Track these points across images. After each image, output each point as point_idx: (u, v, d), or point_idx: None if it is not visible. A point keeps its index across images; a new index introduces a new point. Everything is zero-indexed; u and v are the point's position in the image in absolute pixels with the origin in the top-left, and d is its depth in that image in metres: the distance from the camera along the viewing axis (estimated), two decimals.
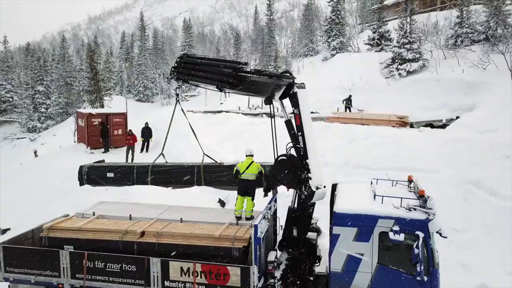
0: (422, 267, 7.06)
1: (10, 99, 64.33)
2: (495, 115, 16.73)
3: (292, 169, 8.18)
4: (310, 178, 8.17)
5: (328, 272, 7.78)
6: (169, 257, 8.30)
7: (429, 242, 7.28)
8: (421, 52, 29.03)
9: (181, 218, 9.47)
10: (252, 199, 9.39)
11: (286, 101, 8.91)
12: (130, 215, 9.76)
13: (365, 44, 39.58)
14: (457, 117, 18.65)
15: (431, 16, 35.36)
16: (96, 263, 8.48)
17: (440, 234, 7.60)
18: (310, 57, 51.66)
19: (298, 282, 8.42)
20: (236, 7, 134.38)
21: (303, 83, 8.71)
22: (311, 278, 8.51)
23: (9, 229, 15.03)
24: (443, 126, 17.97)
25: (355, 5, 69.93)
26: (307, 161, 8.22)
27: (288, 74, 8.46)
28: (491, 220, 11.82)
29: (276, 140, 8.96)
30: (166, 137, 13.29)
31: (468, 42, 29.11)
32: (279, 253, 9.11)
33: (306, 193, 8.25)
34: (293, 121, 8.69)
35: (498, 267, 10.53)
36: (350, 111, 27.01)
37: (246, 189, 9.26)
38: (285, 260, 8.81)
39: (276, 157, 8.56)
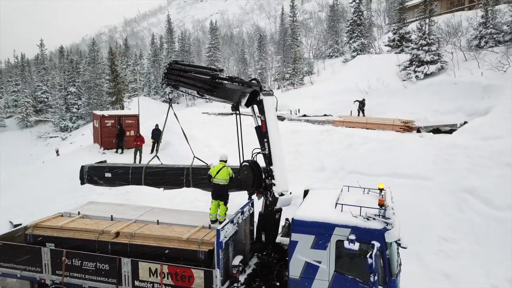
0: (376, 277, 7.00)
1: (46, 100, 67.73)
2: (504, 121, 16.05)
3: (253, 175, 8.32)
4: (274, 184, 8.27)
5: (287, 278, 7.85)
6: (140, 258, 8.62)
7: (386, 252, 7.19)
8: (440, 54, 28.16)
9: (158, 220, 9.77)
10: (225, 204, 9.56)
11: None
12: (112, 215, 10.16)
13: (386, 45, 38.85)
14: (465, 122, 18.01)
15: (455, 16, 34.19)
16: (73, 260, 8.92)
17: (399, 245, 7.50)
18: (335, 58, 51.19)
19: (263, 287, 8.49)
20: (266, 8, 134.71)
21: (271, 91, 8.82)
22: (278, 284, 8.55)
23: (20, 224, 15.94)
24: (450, 131, 17.40)
25: (383, 5, 68.65)
26: (271, 167, 8.32)
27: (255, 82, 8.60)
28: (482, 230, 11.45)
29: (242, 145, 9.13)
30: (160, 140, 13.72)
31: (493, 43, 27.95)
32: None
33: (270, 199, 8.36)
34: None
35: (483, 278, 10.23)
36: (364, 114, 26.65)
37: (217, 193, 9.44)
38: (253, 265, 8.94)
39: (240, 162, 8.73)
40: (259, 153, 8.66)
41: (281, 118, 25.97)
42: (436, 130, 17.95)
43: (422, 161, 13.92)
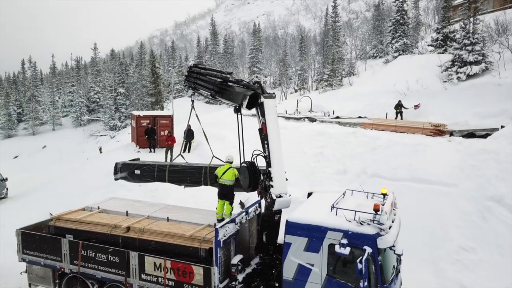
0: (366, 283, 6.90)
1: (98, 100, 71.70)
2: None
3: (249, 176, 8.46)
4: (272, 186, 8.36)
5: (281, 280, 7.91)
6: (147, 252, 9.04)
7: (377, 258, 7.06)
8: (484, 54, 26.62)
9: (168, 217, 10.18)
10: (231, 203, 9.78)
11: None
12: (127, 211, 10.72)
13: (429, 45, 37.30)
14: (502, 126, 16.93)
15: (506, 14, 32.14)
16: (88, 252, 9.54)
17: (394, 251, 7.33)
18: (379, 58, 49.95)
19: (262, 287, 8.61)
20: (312, 9, 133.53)
21: (274, 93, 8.93)
22: (276, 285, 8.62)
23: None
24: (485, 135, 16.44)
25: (433, 3, 65.82)
26: (270, 169, 8.42)
27: (257, 85, 8.73)
28: (506, 240, 10.80)
29: (243, 147, 9.30)
30: (188, 139, 14.19)
31: None
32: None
33: (269, 200, 8.46)
34: None
35: None
36: (401, 117, 25.86)
37: (223, 193, 9.68)
38: (254, 265, 9.09)
39: (241, 163, 8.92)
40: (258, 155, 8.79)
41: (312, 120, 25.78)
42: (471, 135, 17.01)
43: (447, 167, 13.34)
